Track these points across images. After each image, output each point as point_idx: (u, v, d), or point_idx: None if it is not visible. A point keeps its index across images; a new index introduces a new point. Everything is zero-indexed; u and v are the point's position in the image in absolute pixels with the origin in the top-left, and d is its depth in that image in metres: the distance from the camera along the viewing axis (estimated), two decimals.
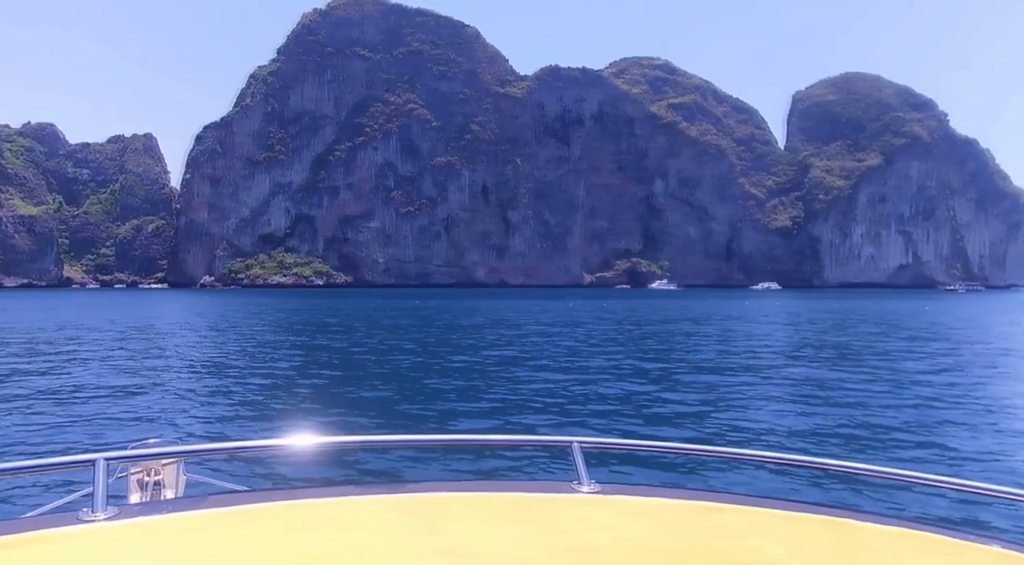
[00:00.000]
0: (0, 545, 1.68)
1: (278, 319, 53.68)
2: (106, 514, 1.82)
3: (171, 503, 1.97)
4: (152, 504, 2.03)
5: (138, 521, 1.82)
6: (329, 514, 1.97)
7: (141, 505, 2.02)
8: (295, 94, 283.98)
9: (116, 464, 2.34)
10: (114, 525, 1.79)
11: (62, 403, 15.51)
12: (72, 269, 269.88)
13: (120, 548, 1.67)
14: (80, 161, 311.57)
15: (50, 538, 1.72)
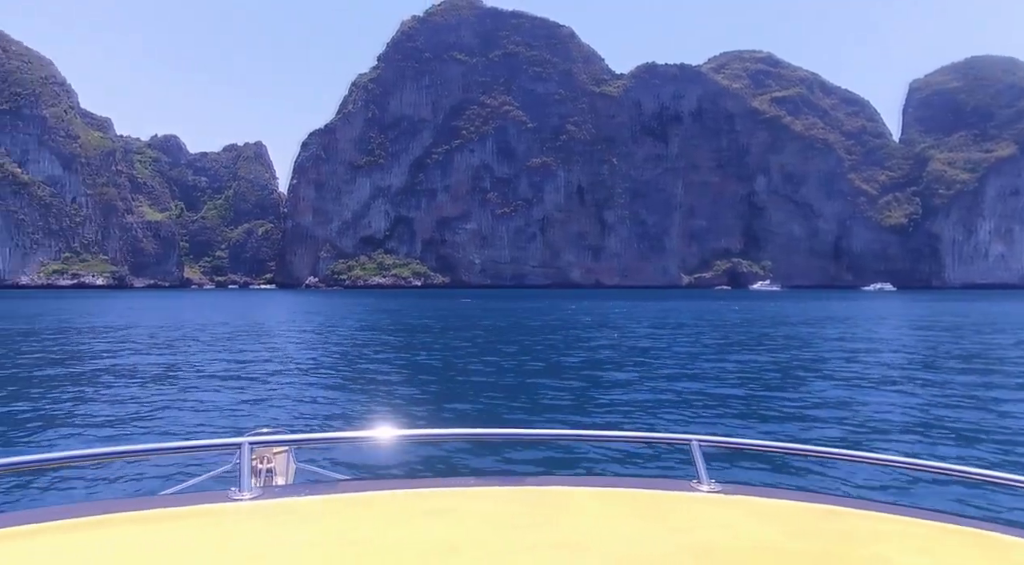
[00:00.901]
0: (162, 517, 1.86)
1: (378, 319, 54.32)
2: (251, 494, 1.97)
3: (307, 487, 2.06)
4: (291, 487, 2.15)
5: (280, 501, 1.98)
6: (451, 504, 2.01)
7: (281, 487, 2.13)
8: (394, 100, 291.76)
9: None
10: (259, 504, 1.95)
11: (183, 393, 16.18)
12: (191, 271, 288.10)
13: (268, 526, 1.83)
14: (199, 169, 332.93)
15: (206, 513, 1.90)
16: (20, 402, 14.94)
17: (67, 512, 1.85)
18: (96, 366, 21.91)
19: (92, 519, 1.82)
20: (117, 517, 1.84)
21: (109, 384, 17.77)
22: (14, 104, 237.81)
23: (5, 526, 1.76)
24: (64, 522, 1.78)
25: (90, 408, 14.32)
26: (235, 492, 1.99)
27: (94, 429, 12.33)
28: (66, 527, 1.75)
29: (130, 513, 1.88)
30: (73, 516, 1.83)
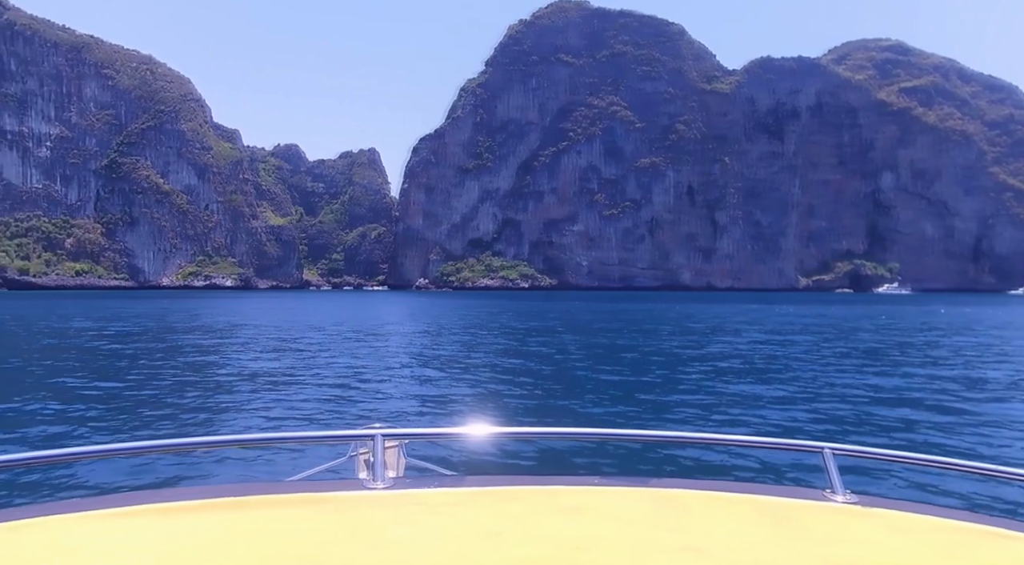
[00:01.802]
0: (297, 502, 1.94)
1: (487, 320, 54.28)
2: (385, 483, 2.03)
3: (438, 478, 2.11)
4: (424, 478, 2.18)
5: (415, 492, 2.02)
6: (577, 501, 2.02)
7: (414, 479, 2.16)
8: (502, 103, 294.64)
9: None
10: (396, 493, 2.00)
11: (300, 388, 16.81)
12: (310, 272, 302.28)
13: (405, 515, 1.88)
14: (317, 176, 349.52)
15: (345, 500, 1.97)
16: (173, 393, 15.91)
17: (203, 493, 1.95)
18: (227, 361, 23.13)
19: (229, 501, 1.90)
20: (252, 499, 1.92)
21: (236, 377, 18.81)
22: (158, 120, 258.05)
23: (150, 502, 1.86)
24: (202, 502, 1.88)
25: (218, 399, 15.22)
26: (369, 481, 2.04)
27: (219, 416, 13.20)
28: (204, 507, 1.84)
29: (264, 496, 1.96)
30: (210, 497, 1.92)
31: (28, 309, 69.14)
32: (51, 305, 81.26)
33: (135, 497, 1.89)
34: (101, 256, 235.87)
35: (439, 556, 1.59)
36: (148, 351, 26.39)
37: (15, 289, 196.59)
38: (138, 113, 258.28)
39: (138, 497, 1.90)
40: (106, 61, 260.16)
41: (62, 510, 1.77)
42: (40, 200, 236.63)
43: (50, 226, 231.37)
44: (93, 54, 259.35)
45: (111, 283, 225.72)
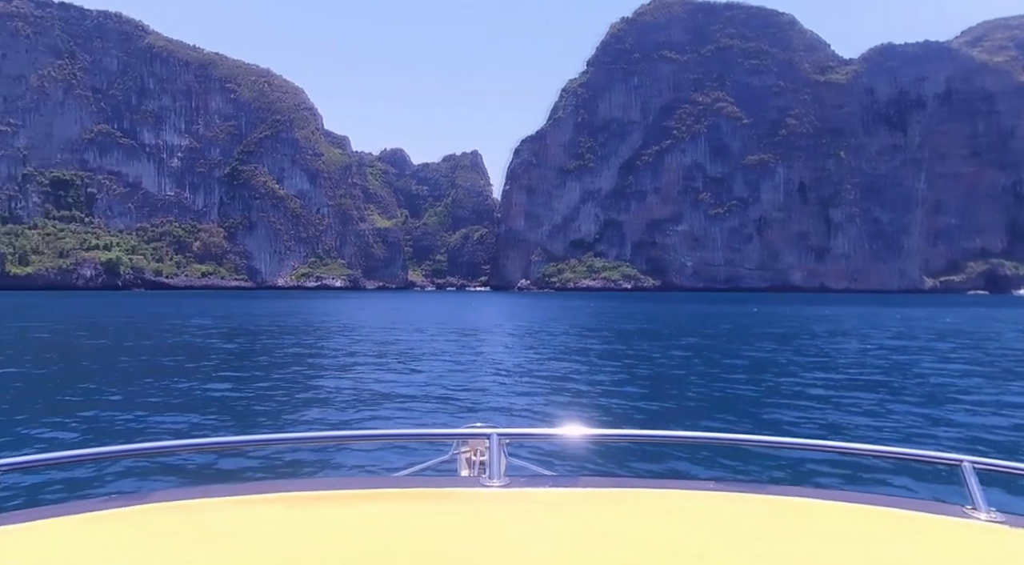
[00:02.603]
0: (411, 497, 1.97)
1: (590, 321, 53.29)
2: (500, 482, 2.03)
3: (552, 478, 2.10)
4: (537, 478, 2.19)
5: (526, 491, 2.02)
6: (691, 506, 1.97)
7: (527, 478, 2.17)
8: (603, 103, 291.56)
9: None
10: (509, 491, 2.00)
11: (405, 386, 16.96)
12: (414, 273, 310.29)
13: (521, 512, 1.88)
14: (421, 179, 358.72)
15: (462, 496, 1.99)
16: (283, 389, 16.42)
17: (309, 485, 2.02)
18: (334, 359, 23.62)
19: (351, 493, 1.96)
20: (370, 493, 1.96)
21: (342, 374, 19.22)
22: (274, 129, 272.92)
23: (250, 494, 1.94)
24: (328, 493, 1.96)
25: (324, 395, 15.65)
26: (485, 478, 2.05)
27: (328, 412, 13.58)
28: (330, 498, 1.92)
29: (383, 490, 1.99)
30: (316, 489, 1.99)
31: (173, 307, 74.34)
32: (191, 304, 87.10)
33: (260, 486, 1.99)
34: (224, 258, 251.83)
35: (554, 555, 1.58)
36: (265, 349, 27.67)
37: (151, 289, 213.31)
38: (256, 123, 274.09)
39: (264, 486, 1.99)
40: (229, 76, 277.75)
41: (211, 494, 1.92)
42: (172, 207, 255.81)
43: (180, 230, 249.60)
44: (218, 70, 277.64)
45: (232, 284, 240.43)
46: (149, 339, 32.98)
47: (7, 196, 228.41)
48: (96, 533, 1.67)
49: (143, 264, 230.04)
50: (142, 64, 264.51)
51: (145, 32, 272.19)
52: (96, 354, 26.24)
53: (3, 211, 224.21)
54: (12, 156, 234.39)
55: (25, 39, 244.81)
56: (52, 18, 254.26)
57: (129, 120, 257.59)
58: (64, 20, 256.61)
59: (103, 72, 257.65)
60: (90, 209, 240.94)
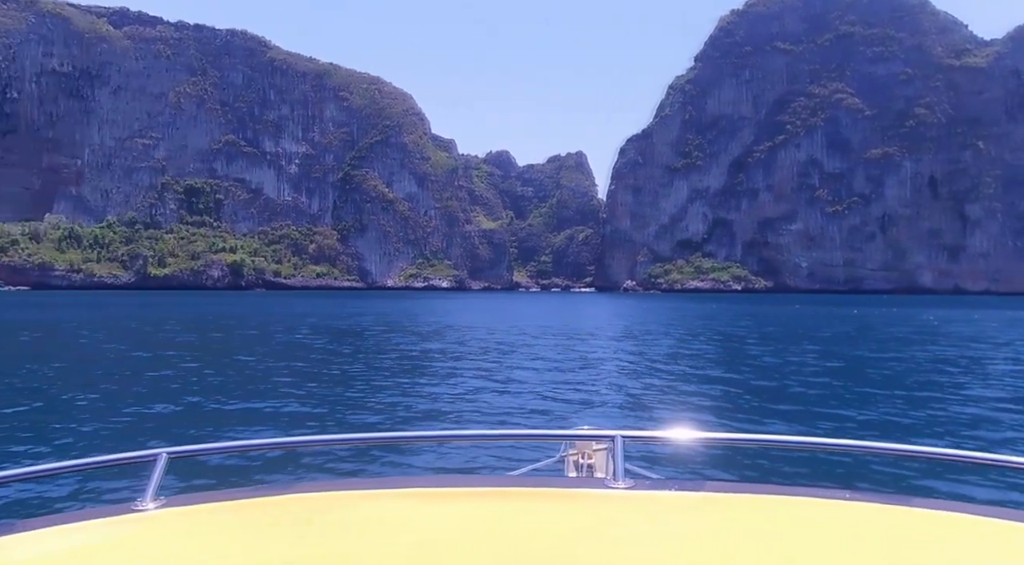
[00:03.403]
0: (541, 496, 1.96)
1: (699, 324, 51.32)
2: (624, 484, 1.99)
3: (675, 482, 2.06)
4: (661, 481, 2.15)
5: (652, 494, 1.97)
6: (824, 516, 1.84)
7: (652, 481, 2.13)
8: (712, 99, 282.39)
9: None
10: (634, 494, 1.94)
11: (508, 386, 17.05)
12: (519, 274, 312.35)
13: (644, 515, 1.84)
14: (526, 180, 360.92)
15: (588, 497, 1.97)
16: (393, 387, 16.93)
17: (430, 482, 2.09)
18: (444, 359, 24.00)
19: (464, 490, 1.98)
20: (486, 491, 1.97)
21: (449, 375, 19.44)
22: (384, 135, 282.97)
23: (378, 488, 2.02)
24: (435, 490, 2.00)
25: (434, 394, 16.05)
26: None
27: (436, 411, 13.79)
28: (460, 495, 1.95)
29: (496, 489, 1.99)
30: (441, 486, 2.03)
31: (302, 307, 78.34)
32: (311, 304, 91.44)
33: (386, 482, 2.09)
34: (337, 260, 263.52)
35: (678, 562, 1.53)
36: (377, 348, 28.66)
37: (271, 289, 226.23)
38: (367, 129, 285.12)
39: (404, 481, 2.08)
40: (342, 85, 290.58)
41: (344, 487, 2.02)
42: (290, 211, 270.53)
43: (297, 234, 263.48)
44: (332, 79, 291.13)
45: (345, 284, 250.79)
46: (283, 336, 34.53)
47: (148, 203, 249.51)
48: (247, 518, 1.81)
49: (264, 265, 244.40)
50: (264, 77, 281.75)
51: (267, 47, 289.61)
52: (247, 350, 27.72)
53: (145, 217, 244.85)
54: (153, 167, 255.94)
55: (165, 59, 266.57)
56: (188, 39, 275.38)
57: (252, 130, 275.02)
58: (198, 40, 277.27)
59: (230, 86, 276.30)
60: (218, 214, 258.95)
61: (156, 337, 35.11)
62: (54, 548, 1.64)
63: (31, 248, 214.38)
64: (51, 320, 51.30)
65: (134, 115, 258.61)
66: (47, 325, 45.09)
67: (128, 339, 34.20)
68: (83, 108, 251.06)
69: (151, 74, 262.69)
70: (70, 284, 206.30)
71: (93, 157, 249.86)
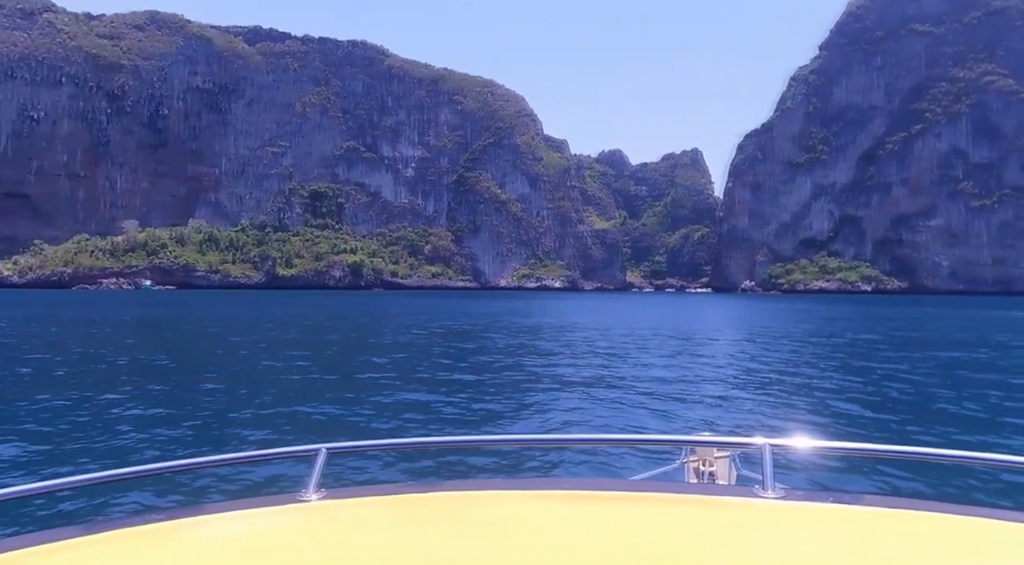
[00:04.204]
0: (689, 502, 1.92)
1: (825, 327, 48.14)
2: (775, 494, 1.91)
3: (831, 494, 1.96)
4: (814, 492, 2.06)
5: (804, 505, 1.89)
6: (1000, 537, 1.68)
7: (804, 491, 2.06)
8: (839, 89, 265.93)
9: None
10: (786, 505, 1.88)
11: (626, 392, 16.57)
12: (632, 275, 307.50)
13: (795, 527, 1.78)
14: (640, 179, 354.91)
15: (733, 505, 1.92)
16: (511, 388, 16.96)
17: (566, 483, 2.10)
18: (559, 360, 23.73)
19: (597, 494, 1.97)
20: (622, 495, 1.96)
21: (563, 376, 18.98)
22: (497, 137, 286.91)
23: (517, 489, 2.06)
24: (558, 493, 2.01)
25: (548, 395, 15.93)
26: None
27: (551, 413, 13.74)
28: (562, 498, 1.97)
29: (633, 493, 1.98)
30: (576, 488, 2.03)
31: (414, 307, 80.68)
32: (430, 304, 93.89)
33: (540, 482, 2.14)
34: (451, 260, 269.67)
35: None
36: (493, 348, 28.81)
37: (389, 289, 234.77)
38: (480, 132, 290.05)
39: (542, 482, 2.13)
40: (456, 89, 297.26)
41: (492, 487, 2.04)
42: (406, 213, 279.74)
43: (413, 235, 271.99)
44: (446, 84, 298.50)
45: (459, 284, 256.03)
46: (422, 334, 35.31)
47: (277, 208, 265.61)
48: (400, 513, 1.92)
49: (382, 266, 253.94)
50: (382, 84, 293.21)
51: (385, 55, 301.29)
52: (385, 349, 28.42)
53: (274, 221, 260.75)
54: (281, 173, 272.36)
55: (292, 72, 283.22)
56: (313, 51, 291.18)
57: (371, 136, 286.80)
58: (322, 52, 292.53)
59: (351, 94, 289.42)
60: (339, 217, 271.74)
61: (302, 335, 36.76)
62: (231, 530, 1.82)
63: (177, 251, 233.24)
64: (206, 317, 55.05)
65: (265, 125, 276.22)
66: (200, 321, 48.36)
67: (279, 337, 35.96)
68: (221, 121, 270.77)
69: (280, 86, 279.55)
70: (209, 284, 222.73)
71: (229, 166, 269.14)
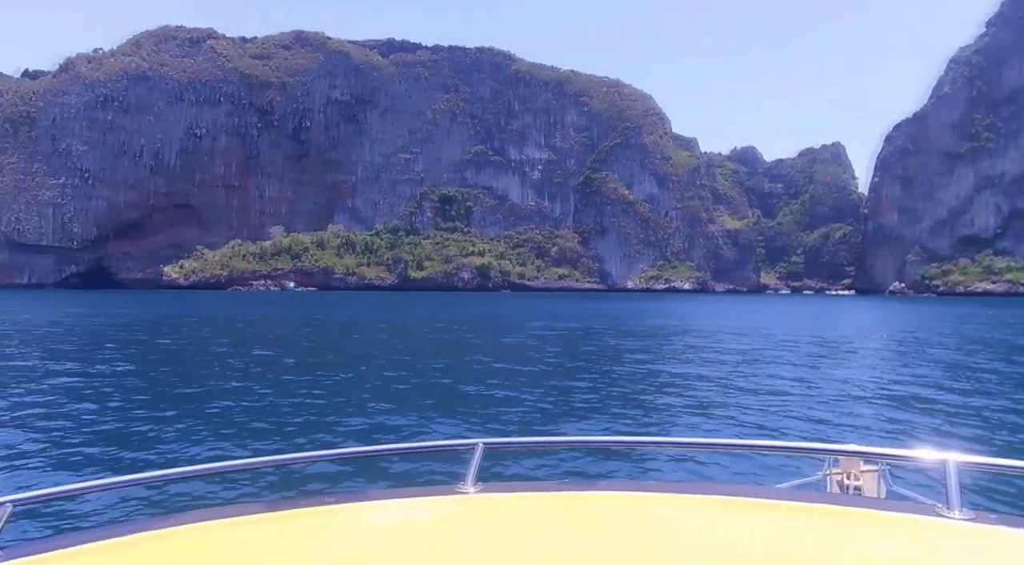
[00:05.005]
0: (857, 517, 1.81)
1: (996, 334, 42.67)
2: (962, 515, 1.75)
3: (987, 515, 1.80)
4: (1006, 516, 1.85)
5: (997, 529, 1.70)
6: None
7: (997, 514, 1.86)
8: (1009, 70, 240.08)
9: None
10: (974, 527, 1.72)
11: (769, 399, 15.87)
12: (767, 276, 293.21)
13: (981, 552, 1.63)
14: (774, 176, 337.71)
15: (917, 525, 1.75)
16: (655, 391, 16.86)
17: (719, 489, 2.08)
18: (696, 363, 23.30)
19: (750, 501, 1.94)
20: (771, 503, 1.91)
21: (702, 381, 18.56)
22: (623, 137, 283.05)
23: (658, 491, 2.05)
24: (715, 498, 1.98)
25: (693, 399, 15.50)
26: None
27: (697, 417, 13.51)
28: (715, 503, 1.94)
29: (783, 502, 1.91)
30: (722, 494, 2.02)
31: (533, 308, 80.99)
32: (550, 305, 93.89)
33: (656, 486, 2.13)
34: (578, 262, 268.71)
35: None
36: (636, 348, 28.70)
37: (516, 290, 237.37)
38: (607, 132, 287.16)
39: (657, 486, 2.13)
40: (582, 90, 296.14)
41: (628, 488, 2.05)
42: (533, 215, 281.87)
43: (540, 237, 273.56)
44: (572, 86, 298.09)
45: (585, 286, 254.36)
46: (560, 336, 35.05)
47: (409, 212, 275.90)
48: (550, 511, 1.93)
49: (509, 268, 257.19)
50: (509, 89, 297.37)
51: (511, 60, 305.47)
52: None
53: (406, 224, 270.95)
54: (413, 179, 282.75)
55: (424, 81, 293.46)
56: (443, 59, 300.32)
57: (498, 139, 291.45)
58: (451, 60, 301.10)
59: (479, 100, 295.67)
60: (467, 220, 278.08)
61: (449, 336, 37.31)
62: (394, 518, 1.90)
63: (318, 254, 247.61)
64: (345, 321, 57.57)
65: (397, 133, 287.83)
66: (344, 324, 50.51)
67: (426, 336, 36.65)
68: (357, 130, 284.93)
69: (412, 95, 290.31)
70: (346, 285, 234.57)
71: (365, 173, 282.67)
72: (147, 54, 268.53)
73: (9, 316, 51.81)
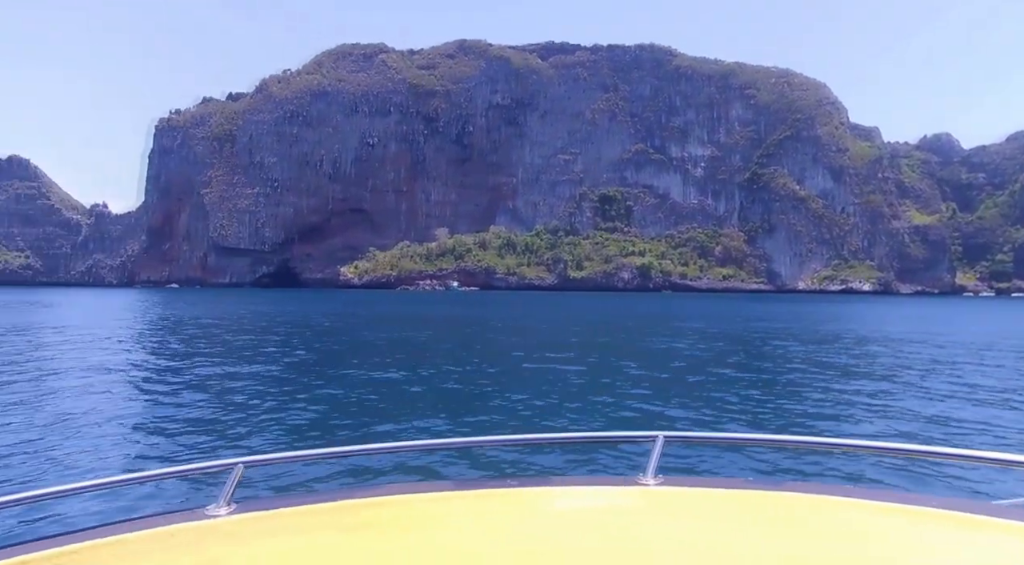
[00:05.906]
0: (993, 528, 1.72)
1: None
2: None
3: None
4: None
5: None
6: None
7: None
8: None
9: None
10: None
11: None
12: (965, 276, 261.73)
13: None
14: (974, 165, 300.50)
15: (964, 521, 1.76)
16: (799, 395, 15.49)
17: (798, 487, 2.03)
18: (880, 376, 21.10)
19: (945, 514, 1.79)
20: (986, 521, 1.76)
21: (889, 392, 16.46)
22: (794, 129, 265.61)
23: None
24: (748, 492, 2.00)
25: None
26: None
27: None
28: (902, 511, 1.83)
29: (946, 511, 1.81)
30: (912, 503, 1.86)
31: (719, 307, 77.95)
32: (713, 305, 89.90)
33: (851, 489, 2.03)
34: (743, 262, 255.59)
35: None
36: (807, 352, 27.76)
37: (677, 290, 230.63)
38: (775, 125, 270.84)
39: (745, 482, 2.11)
40: (748, 83, 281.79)
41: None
42: (695, 214, 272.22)
43: (702, 236, 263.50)
44: (737, 78, 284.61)
45: (751, 286, 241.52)
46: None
47: (568, 212, 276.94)
48: (735, 505, 1.91)
49: (670, 268, 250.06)
50: (670, 85, 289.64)
51: (672, 55, 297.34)
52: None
53: (565, 225, 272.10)
54: (572, 179, 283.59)
55: (583, 82, 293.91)
56: (602, 59, 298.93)
57: (659, 137, 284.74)
58: (610, 59, 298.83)
59: (639, 98, 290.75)
60: (628, 220, 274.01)
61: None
62: (576, 505, 1.92)
63: (480, 255, 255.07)
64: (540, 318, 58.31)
65: (557, 134, 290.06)
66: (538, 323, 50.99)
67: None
68: (517, 133, 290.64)
69: (571, 96, 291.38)
70: (507, 285, 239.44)
71: (525, 175, 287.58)
72: (327, 71, 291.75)
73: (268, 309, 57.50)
